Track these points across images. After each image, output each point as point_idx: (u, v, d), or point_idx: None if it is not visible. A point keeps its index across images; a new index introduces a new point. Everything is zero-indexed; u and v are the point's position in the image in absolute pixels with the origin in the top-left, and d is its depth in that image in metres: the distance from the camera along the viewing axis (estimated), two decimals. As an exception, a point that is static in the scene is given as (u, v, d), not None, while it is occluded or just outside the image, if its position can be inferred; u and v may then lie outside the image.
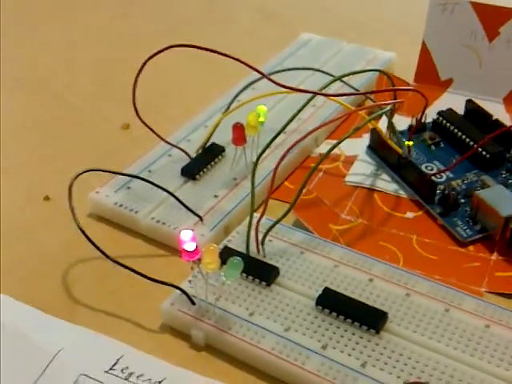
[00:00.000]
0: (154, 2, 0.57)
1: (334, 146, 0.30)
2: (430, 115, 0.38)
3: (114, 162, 0.37)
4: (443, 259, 0.31)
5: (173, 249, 0.32)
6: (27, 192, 0.36)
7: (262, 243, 0.30)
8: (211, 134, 0.36)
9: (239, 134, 0.32)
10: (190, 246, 0.26)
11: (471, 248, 0.32)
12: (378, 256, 0.31)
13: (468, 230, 0.32)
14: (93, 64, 0.48)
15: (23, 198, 0.36)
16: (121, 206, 0.33)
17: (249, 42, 0.49)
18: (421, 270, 0.30)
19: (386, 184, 0.35)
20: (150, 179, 0.34)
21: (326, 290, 0.28)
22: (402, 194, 0.35)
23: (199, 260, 0.27)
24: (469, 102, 0.38)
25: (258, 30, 0.51)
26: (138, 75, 0.31)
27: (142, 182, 0.33)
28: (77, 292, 0.30)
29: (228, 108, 0.37)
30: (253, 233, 0.30)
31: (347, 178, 0.36)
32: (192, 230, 0.26)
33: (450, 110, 0.38)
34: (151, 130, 0.34)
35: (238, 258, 0.26)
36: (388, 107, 0.32)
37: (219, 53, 0.30)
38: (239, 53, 0.49)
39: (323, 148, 0.38)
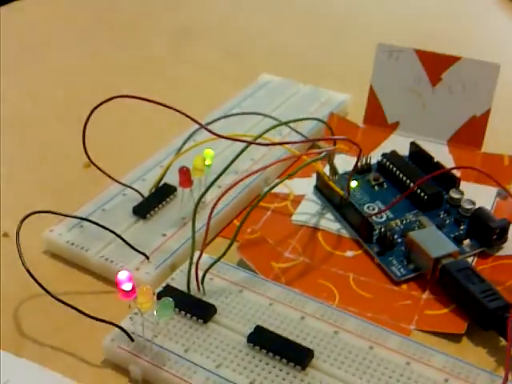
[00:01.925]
0: (123, 38, 0.59)
1: (273, 187, 0.32)
2: (377, 156, 0.40)
3: (73, 199, 0.39)
4: (377, 297, 0.33)
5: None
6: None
7: (202, 281, 0.31)
8: (163, 175, 0.38)
9: (185, 177, 0.34)
10: (126, 286, 0.28)
11: (404, 286, 0.33)
12: (316, 294, 0.32)
13: (402, 270, 0.34)
14: (60, 101, 0.50)
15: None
16: (72, 244, 0.35)
17: (211, 79, 0.52)
18: (355, 307, 0.32)
19: (330, 223, 0.37)
20: (103, 218, 0.35)
21: (258, 328, 0.29)
22: (344, 233, 0.37)
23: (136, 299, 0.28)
24: (412, 144, 0.40)
25: (222, 69, 0.53)
26: (85, 125, 0.33)
27: (95, 220, 0.34)
28: (25, 327, 0.32)
29: (180, 149, 0.39)
30: (194, 271, 0.31)
31: (293, 217, 0.38)
32: (128, 270, 0.28)
33: (394, 151, 0.40)
34: (103, 171, 0.36)
35: (169, 298, 0.28)
36: (322, 154, 0.34)
37: (162, 104, 0.31)
38: (201, 90, 0.51)
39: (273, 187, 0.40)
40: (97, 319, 0.29)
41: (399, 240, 0.35)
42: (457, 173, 0.38)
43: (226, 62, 0.54)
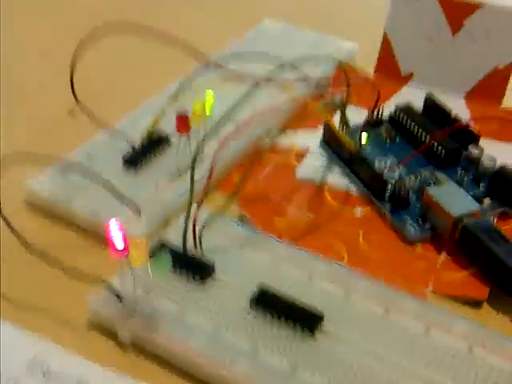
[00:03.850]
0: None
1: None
2: (388, 109, 0.37)
3: (57, 145, 0.36)
4: (390, 258, 0.30)
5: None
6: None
7: (200, 238, 0.28)
8: (156, 123, 0.34)
9: (182, 122, 0.31)
10: (117, 237, 0.25)
11: (419, 247, 0.31)
12: (323, 252, 0.29)
13: (417, 228, 0.31)
14: (42, 37, 0.46)
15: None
16: (56, 195, 0.31)
17: (210, 21, 0.48)
18: (365, 268, 0.29)
19: (338, 179, 0.34)
20: (90, 168, 0.32)
21: (262, 289, 0.26)
22: (353, 189, 0.34)
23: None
24: (428, 96, 0.37)
25: (220, 10, 0.50)
26: (72, 66, 0.30)
27: (81, 170, 0.31)
28: (1, 284, 0.29)
29: (176, 95, 0.35)
30: (191, 226, 0.28)
31: (297, 172, 0.35)
32: (117, 220, 0.25)
33: (408, 104, 0.36)
34: (91, 117, 0.32)
35: (167, 254, 0.25)
36: (336, 99, 0.31)
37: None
38: (199, 35, 0.47)
39: (276, 138, 0.37)
40: (82, 277, 0.26)
41: (414, 198, 0.32)
42: (475, 128, 0.35)
43: (225, 3, 0.51)
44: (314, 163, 0.35)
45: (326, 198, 0.33)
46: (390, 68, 0.39)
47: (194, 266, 0.27)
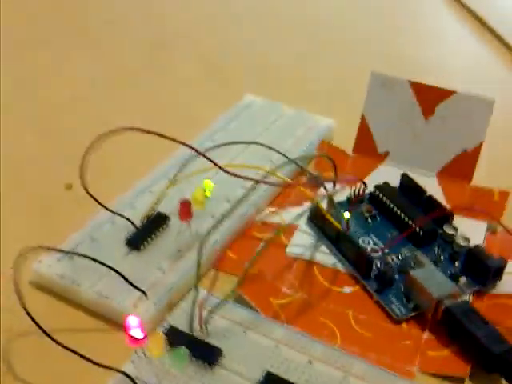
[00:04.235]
0: (94, 50, 0.57)
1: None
2: (368, 186, 0.40)
3: (57, 224, 0.37)
4: (378, 336, 0.33)
5: (115, 323, 0.32)
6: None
7: (205, 323, 0.30)
8: (156, 203, 0.36)
9: (186, 210, 0.33)
10: (137, 333, 0.27)
11: (404, 325, 0.33)
12: (317, 332, 0.32)
13: (402, 308, 0.34)
14: (34, 114, 0.48)
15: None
16: (63, 277, 0.33)
17: (191, 96, 0.50)
18: (357, 347, 0.32)
19: (325, 257, 0.37)
20: (94, 248, 0.34)
21: (268, 375, 0.29)
22: (340, 267, 0.36)
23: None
24: (404, 176, 0.40)
25: (201, 85, 0.52)
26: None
27: (85, 252, 0.33)
28: (17, 368, 0.30)
29: (174, 177, 0.37)
30: (198, 311, 0.30)
31: (288, 249, 0.37)
32: (138, 316, 0.27)
33: (386, 183, 0.39)
34: (92, 196, 0.34)
35: (184, 348, 0.27)
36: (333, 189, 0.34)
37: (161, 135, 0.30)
38: (182, 108, 0.50)
39: (265, 216, 0.39)
40: (101, 365, 0.28)
41: (397, 277, 0.35)
42: (447, 206, 0.38)
43: (205, 78, 0.53)
44: (302, 241, 0.38)
45: (315, 275, 0.36)
46: (367, 147, 0.42)
47: (202, 351, 0.29)
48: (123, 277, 0.32)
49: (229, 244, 0.37)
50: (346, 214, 0.38)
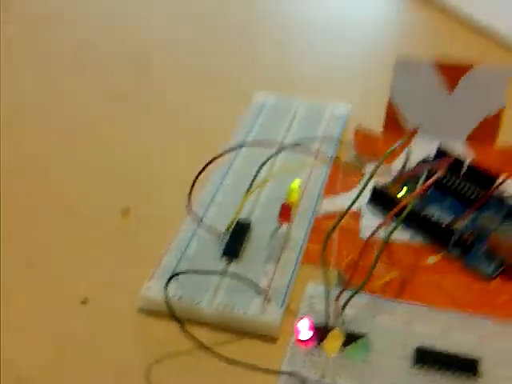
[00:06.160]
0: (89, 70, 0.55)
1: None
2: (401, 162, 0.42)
3: (127, 249, 0.37)
4: (479, 297, 0.35)
5: (241, 332, 0.32)
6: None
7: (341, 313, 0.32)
8: (240, 210, 0.37)
9: (286, 212, 0.34)
10: (308, 335, 0.27)
11: (496, 282, 0.36)
12: (430, 303, 0.34)
13: (491, 266, 0.36)
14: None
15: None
16: (180, 298, 0.33)
17: (202, 110, 0.50)
18: (471, 308, 0.34)
19: (399, 233, 0.39)
20: (194, 264, 0.34)
21: (419, 349, 0.30)
22: (416, 241, 0.38)
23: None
24: (439, 148, 0.42)
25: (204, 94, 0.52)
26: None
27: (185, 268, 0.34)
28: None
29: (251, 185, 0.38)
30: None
31: (362, 234, 0.39)
32: (308, 318, 0.27)
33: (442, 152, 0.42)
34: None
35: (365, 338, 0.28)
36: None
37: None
38: (197, 116, 0.49)
39: (324, 205, 0.40)
40: (270, 371, 0.28)
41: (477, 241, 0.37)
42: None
43: (205, 86, 0.53)
44: (371, 222, 0.39)
45: (398, 252, 0.38)
46: (396, 126, 0.45)
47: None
48: (253, 282, 0.32)
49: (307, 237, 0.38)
50: (404, 189, 0.40)
